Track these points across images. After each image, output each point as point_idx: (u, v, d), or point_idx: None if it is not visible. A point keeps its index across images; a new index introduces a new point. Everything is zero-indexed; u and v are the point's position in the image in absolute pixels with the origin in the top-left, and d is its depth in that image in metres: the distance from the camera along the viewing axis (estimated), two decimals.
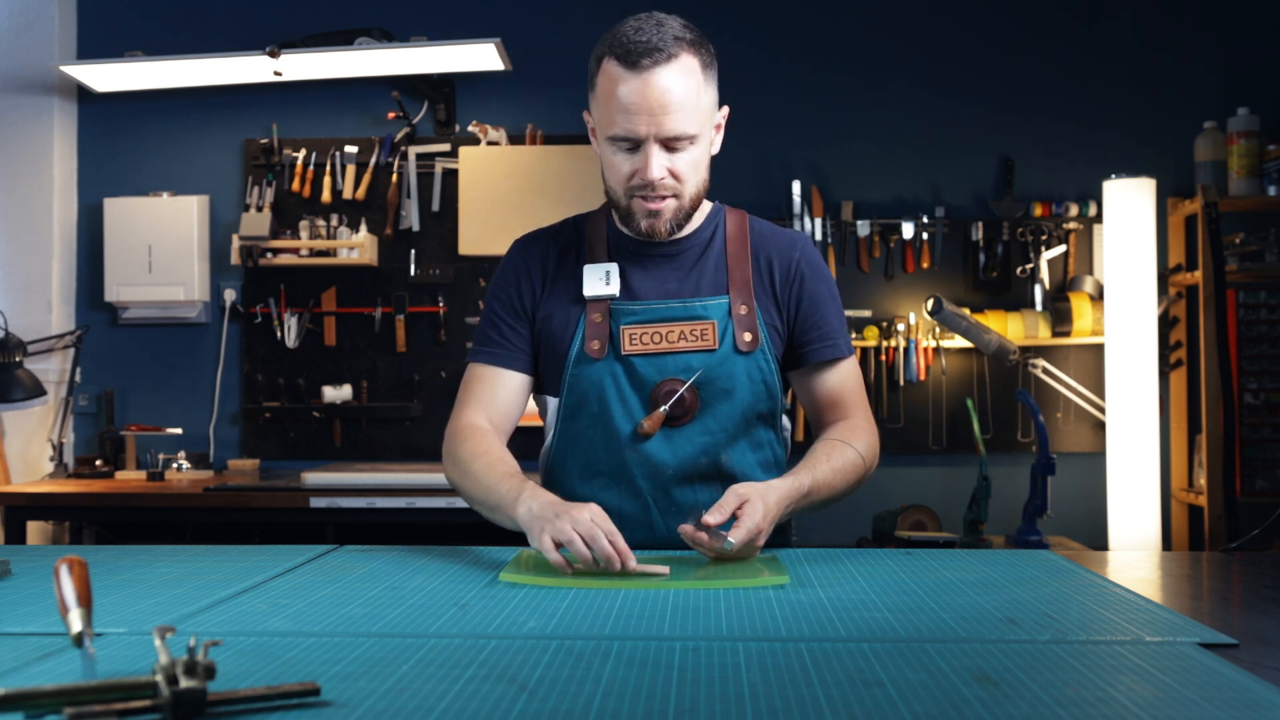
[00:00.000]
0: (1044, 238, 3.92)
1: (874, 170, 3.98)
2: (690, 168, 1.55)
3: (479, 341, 1.68)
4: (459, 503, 3.20)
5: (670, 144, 1.52)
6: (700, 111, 1.52)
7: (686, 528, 1.39)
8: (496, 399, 1.66)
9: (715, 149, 1.62)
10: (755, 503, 1.39)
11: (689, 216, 1.60)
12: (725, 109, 1.63)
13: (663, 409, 1.57)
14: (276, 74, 3.66)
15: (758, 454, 1.63)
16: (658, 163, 1.51)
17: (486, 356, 1.67)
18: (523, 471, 1.55)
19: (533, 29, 3.95)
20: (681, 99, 1.49)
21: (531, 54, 3.87)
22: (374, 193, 3.98)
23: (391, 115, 3.92)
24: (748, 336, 1.60)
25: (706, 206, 1.69)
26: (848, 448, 1.56)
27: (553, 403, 1.66)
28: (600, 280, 1.63)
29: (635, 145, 1.52)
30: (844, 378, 1.66)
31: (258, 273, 3.96)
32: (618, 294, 1.62)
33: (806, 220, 3.90)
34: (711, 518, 1.37)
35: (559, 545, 1.35)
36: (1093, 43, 3.96)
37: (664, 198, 1.55)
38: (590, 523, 1.34)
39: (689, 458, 1.59)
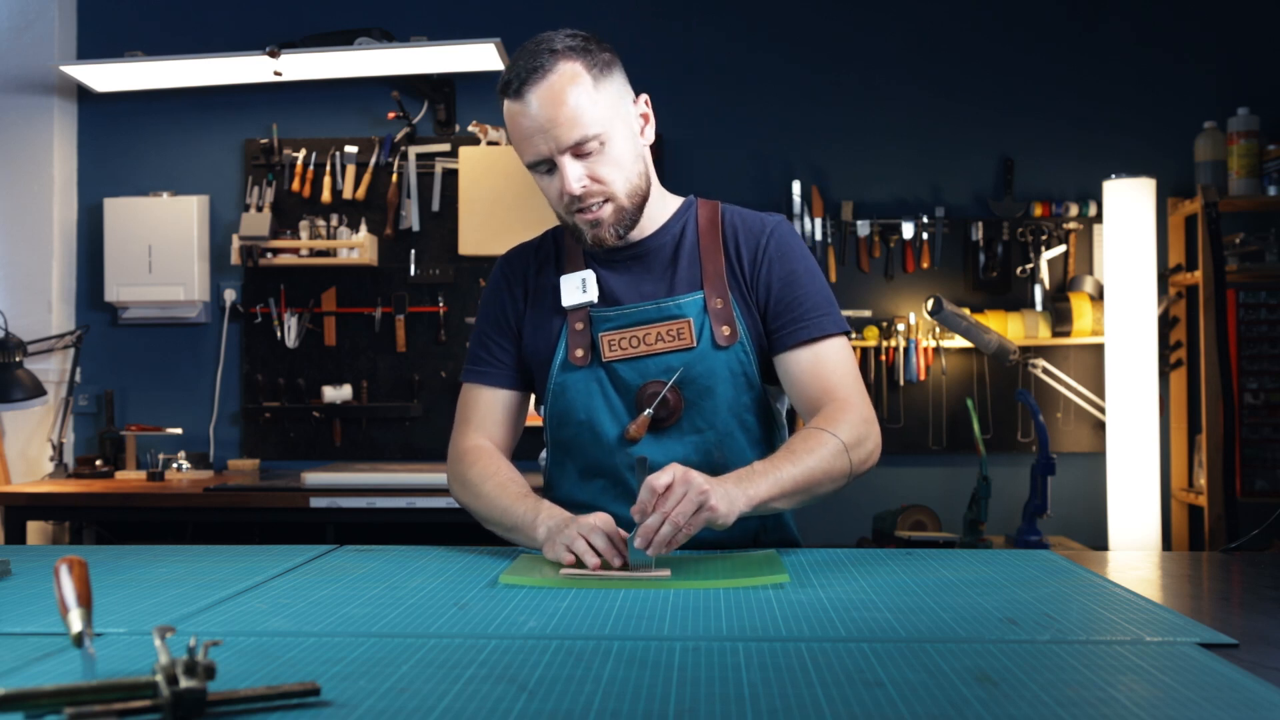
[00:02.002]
0: (1044, 238, 3.92)
1: (874, 170, 3.98)
2: (611, 167, 1.53)
3: (470, 360, 1.70)
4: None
5: (577, 152, 1.51)
6: (596, 111, 1.51)
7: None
8: (495, 419, 1.68)
9: (647, 138, 1.61)
10: (675, 489, 1.32)
11: (635, 215, 1.58)
12: (644, 97, 1.62)
13: (647, 412, 1.57)
14: (276, 74, 3.66)
15: (755, 450, 1.62)
16: (572, 174, 1.51)
17: (478, 376, 1.69)
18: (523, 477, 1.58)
19: (533, 29, 3.93)
20: (570, 108, 1.49)
21: None
22: (374, 193, 3.98)
23: (391, 115, 3.92)
24: (725, 330, 1.59)
25: (675, 201, 1.69)
26: (823, 434, 1.48)
27: (545, 411, 1.68)
28: (577, 288, 1.63)
29: (550, 166, 1.53)
30: (823, 358, 1.57)
31: (258, 273, 3.96)
32: (596, 300, 1.62)
33: (806, 220, 3.90)
34: (636, 515, 1.34)
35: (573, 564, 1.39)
36: (1093, 43, 3.96)
37: (598, 205, 1.54)
38: (595, 527, 1.38)
39: (681, 457, 1.57)
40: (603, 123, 1.51)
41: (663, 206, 1.66)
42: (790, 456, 1.45)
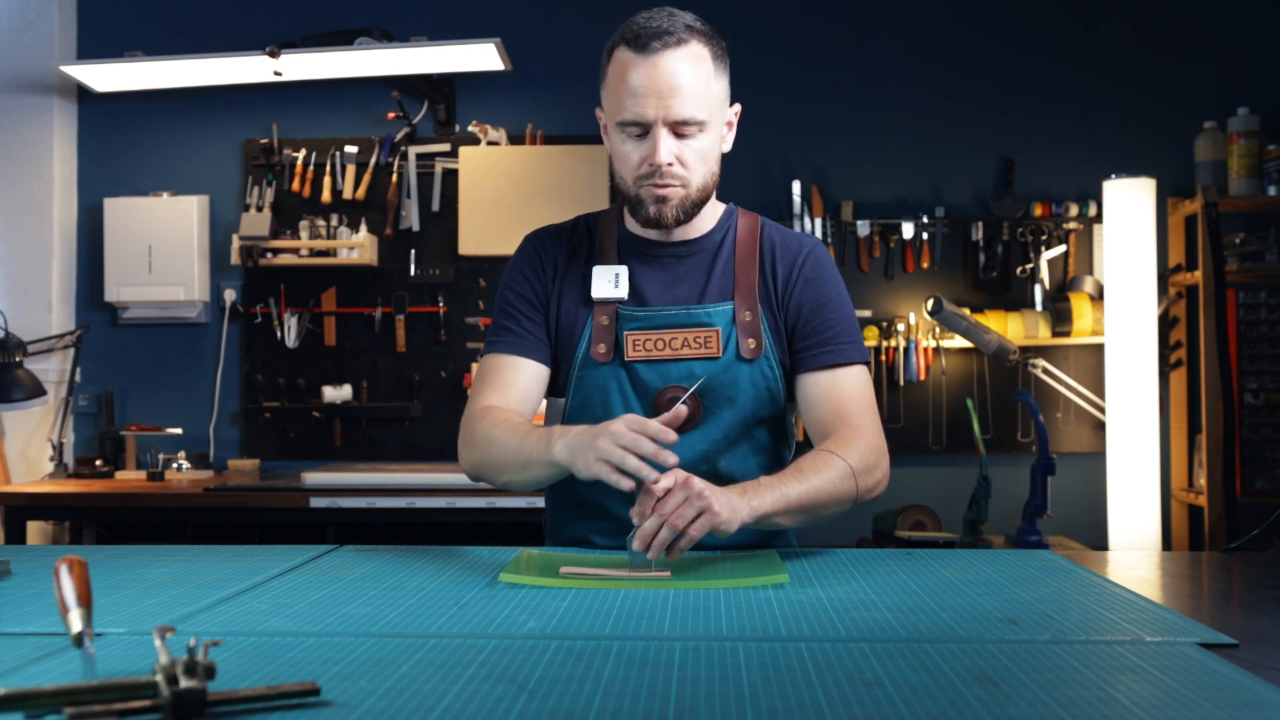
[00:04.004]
0: (1044, 238, 3.92)
1: (874, 170, 3.98)
2: (698, 157, 1.53)
3: (494, 333, 1.65)
4: (459, 502, 3.22)
5: (678, 129, 1.51)
6: (709, 99, 1.52)
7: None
8: (515, 385, 1.61)
9: (727, 146, 1.61)
10: (675, 493, 1.32)
11: (697, 208, 1.58)
12: (737, 107, 1.62)
13: (664, 416, 1.56)
14: (276, 74, 3.66)
15: (759, 458, 1.62)
16: (666, 147, 1.51)
17: (504, 346, 1.63)
18: None
19: (533, 29, 3.95)
20: (690, 84, 1.49)
21: (531, 54, 3.87)
22: (374, 193, 3.98)
23: (391, 115, 3.92)
24: (751, 343, 1.58)
25: (720, 208, 1.68)
26: (833, 456, 1.49)
27: (558, 403, 1.65)
28: (609, 283, 1.61)
29: (644, 132, 1.52)
30: (841, 383, 1.58)
31: (258, 273, 3.96)
32: (626, 297, 1.61)
33: (806, 220, 3.90)
34: (634, 517, 1.33)
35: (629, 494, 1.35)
36: (1093, 43, 3.96)
37: (670, 185, 1.53)
38: (630, 434, 1.32)
39: (688, 463, 1.55)
40: (709, 112, 1.52)
41: (713, 211, 1.66)
42: (797, 474, 1.45)
